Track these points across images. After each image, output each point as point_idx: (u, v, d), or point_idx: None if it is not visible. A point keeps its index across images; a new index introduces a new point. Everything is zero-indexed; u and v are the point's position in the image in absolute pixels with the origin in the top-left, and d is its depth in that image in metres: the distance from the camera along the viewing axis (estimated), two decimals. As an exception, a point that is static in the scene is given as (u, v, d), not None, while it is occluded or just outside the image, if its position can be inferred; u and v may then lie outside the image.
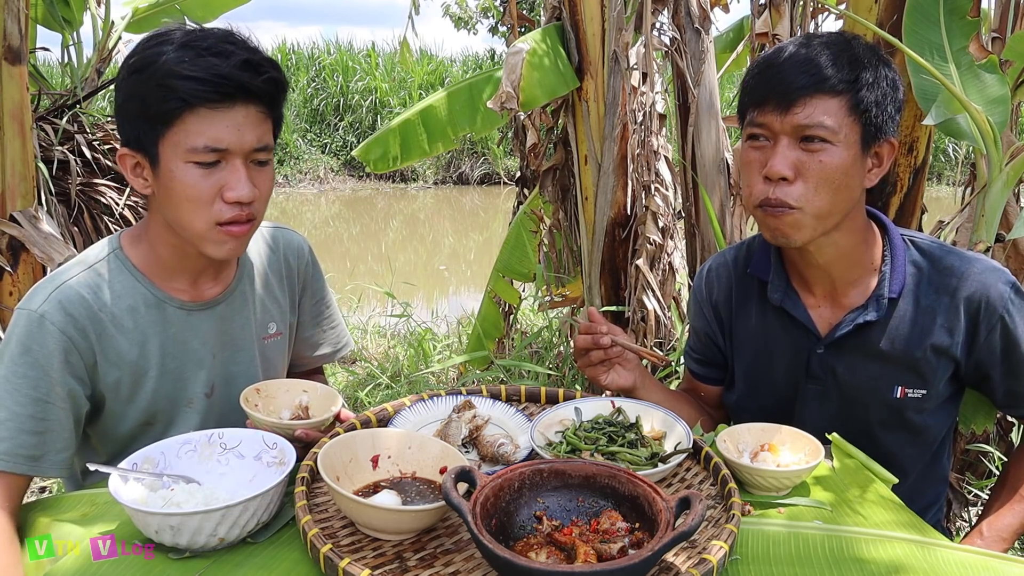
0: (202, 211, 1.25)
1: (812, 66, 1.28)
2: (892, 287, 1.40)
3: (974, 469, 2.61)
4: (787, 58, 1.31)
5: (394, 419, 1.37)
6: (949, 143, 11.78)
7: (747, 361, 1.58)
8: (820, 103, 1.27)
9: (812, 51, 1.30)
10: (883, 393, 1.43)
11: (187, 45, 1.21)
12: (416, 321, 4.77)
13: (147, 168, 1.27)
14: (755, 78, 1.36)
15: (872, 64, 1.31)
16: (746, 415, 1.61)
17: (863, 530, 1.14)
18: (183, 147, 1.22)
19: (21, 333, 1.27)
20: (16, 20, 3.90)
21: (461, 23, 13.39)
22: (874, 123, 1.30)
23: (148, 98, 1.21)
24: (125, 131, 1.28)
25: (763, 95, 1.32)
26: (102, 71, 5.36)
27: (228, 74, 1.20)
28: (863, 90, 1.28)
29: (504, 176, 13.62)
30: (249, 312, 1.50)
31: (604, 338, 1.45)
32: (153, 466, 1.13)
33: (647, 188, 2.89)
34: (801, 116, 1.28)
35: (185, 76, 1.18)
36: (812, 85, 1.27)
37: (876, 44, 1.38)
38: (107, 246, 1.38)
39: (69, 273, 1.33)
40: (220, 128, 1.22)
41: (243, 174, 1.25)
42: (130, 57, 1.26)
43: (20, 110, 3.99)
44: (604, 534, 1.00)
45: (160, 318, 1.37)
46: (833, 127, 1.27)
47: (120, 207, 4.71)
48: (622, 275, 3.06)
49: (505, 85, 2.72)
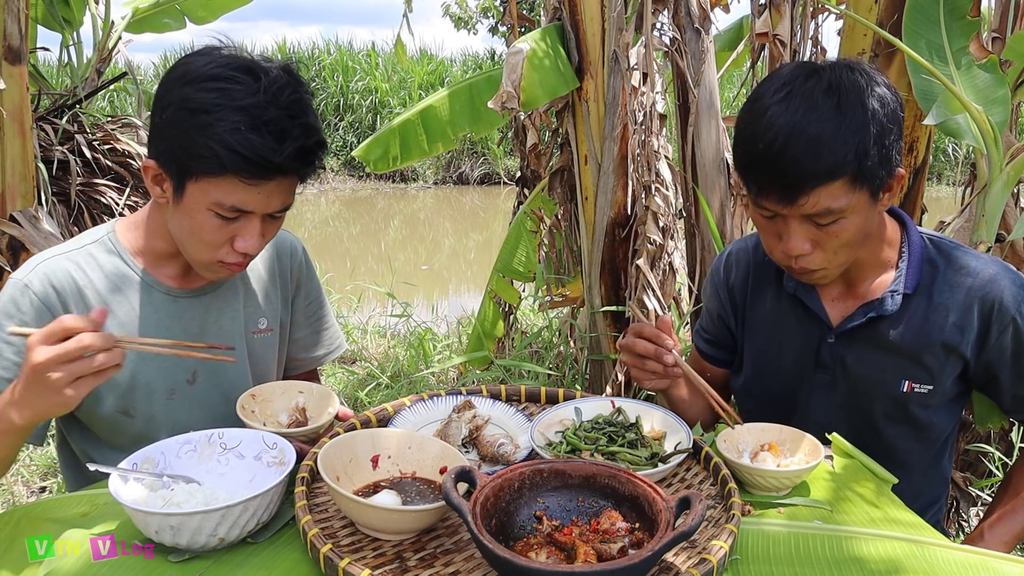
0: (210, 251, 1.30)
1: (812, 157, 1.20)
2: (908, 283, 1.40)
3: (975, 469, 2.61)
4: (783, 147, 1.21)
5: (394, 419, 1.37)
6: (949, 143, 11.78)
7: (757, 346, 1.59)
8: (823, 190, 1.22)
9: (810, 132, 1.20)
10: (890, 386, 1.44)
11: (246, 110, 1.18)
12: (416, 321, 4.77)
13: (168, 186, 1.28)
14: (751, 163, 1.28)
15: (867, 114, 1.22)
16: (751, 400, 1.61)
17: (863, 530, 1.14)
18: (210, 198, 1.23)
19: (6, 300, 1.32)
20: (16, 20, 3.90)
21: (461, 23, 13.39)
22: (880, 178, 1.26)
23: (190, 146, 1.19)
24: (159, 148, 1.27)
25: (762, 187, 1.27)
26: (102, 71, 5.36)
27: (278, 163, 1.20)
28: (864, 160, 1.22)
29: (504, 176, 13.61)
30: (239, 305, 1.51)
31: (669, 356, 1.37)
32: (153, 466, 1.13)
33: (647, 188, 2.89)
34: (807, 207, 1.25)
35: (232, 149, 1.17)
36: (813, 179, 1.21)
37: (855, 63, 1.28)
38: (102, 230, 1.42)
39: (61, 249, 1.38)
40: (251, 195, 1.24)
41: (257, 231, 1.29)
42: (183, 82, 1.22)
43: (20, 110, 3.99)
44: (604, 534, 1.00)
45: (146, 301, 1.40)
46: (840, 207, 1.24)
47: (120, 207, 4.71)
48: (622, 275, 3.06)
49: (505, 85, 2.71)
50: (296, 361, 1.68)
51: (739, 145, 1.31)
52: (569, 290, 3.48)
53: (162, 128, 1.25)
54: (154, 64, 15.42)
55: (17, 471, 3.33)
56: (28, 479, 3.28)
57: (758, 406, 1.59)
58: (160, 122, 1.25)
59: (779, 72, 1.30)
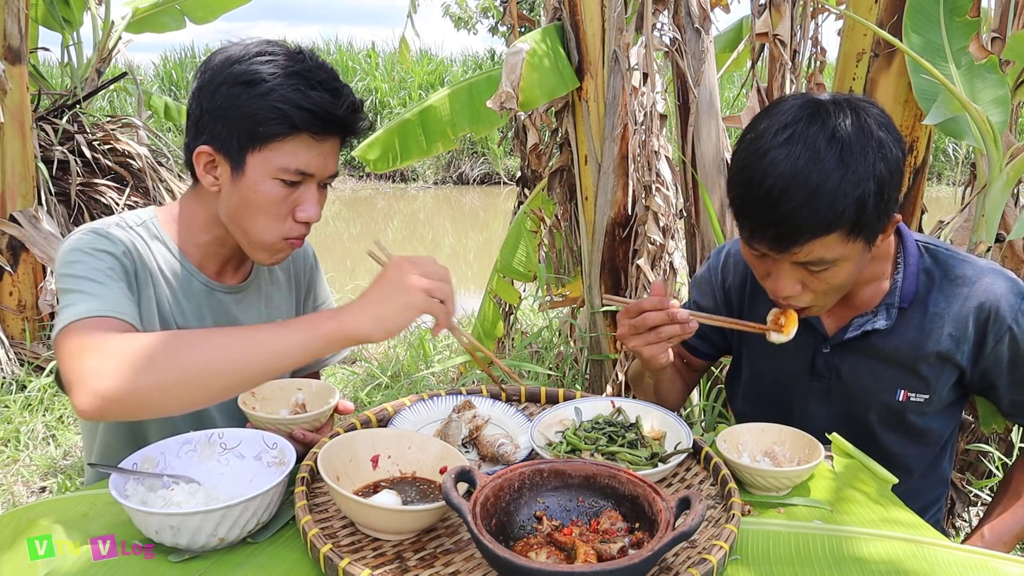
0: (275, 225, 1.33)
1: (808, 211, 1.17)
2: (903, 297, 1.40)
3: (974, 469, 2.61)
4: (781, 197, 1.18)
5: (394, 419, 1.37)
6: (949, 143, 11.78)
7: (755, 352, 1.59)
8: (818, 242, 1.20)
9: (810, 185, 1.16)
10: (885, 395, 1.44)
11: (299, 74, 1.26)
12: (416, 321, 4.76)
13: (224, 170, 1.31)
14: (746, 207, 1.25)
15: (871, 171, 1.18)
16: (749, 404, 1.62)
17: (863, 530, 1.14)
18: (275, 165, 1.28)
19: (93, 240, 1.30)
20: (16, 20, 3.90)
21: (461, 23, 13.40)
22: (877, 229, 1.24)
23: (255, 113, 1.25)
24: (212, 132, 1.30)
25: (755, 231, 1.25)
26: (102, 71, 5.36)
27: (339, 115, 1.28)
28: (862, 214, 1.19)
29: (504, 176, 13.61)
30: (261, 306, 1.54)
31: (680, 312, 1.33)
32: (153, 466, 1.13)
33: (647, 188, 2.89)
34: (800, 256, 1.23)
35: (300, 106, 1.24)
36: (808, 233, 1.19)
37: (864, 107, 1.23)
38: (143, 214, 1.42)
39: (115, 221, 1.37)
40: (312, 155, 1.29)
41: (316, 197, 1.34)
42: (229, 63, 1.28)
43: (20, 110, 4.00)
44: (604, 534, 1.00)
45: (186, 289, 1.42)
46: (834, 258, 1.23)
47: (120, 207, 4.71)
48: (622, 275, 3.06)
49: (505, 85, 2.71)
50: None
51: (736, 186, 1.26)
52: (569, 290, 3.48)
53: (215, 110, 1.28)
54: (154, 64, 15.45)
55: (17, 471, 3.33)
56: (28, 479, 3.28)
57: (756, 410, 1.59)
58: (211, 106, 1.28)
59: (781, 108, 1.24)
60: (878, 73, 2.20)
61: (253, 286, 1.52)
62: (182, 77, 14.86)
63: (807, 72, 2.88)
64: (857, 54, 2.24)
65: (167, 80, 14.97)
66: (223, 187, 1.32)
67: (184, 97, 14.14)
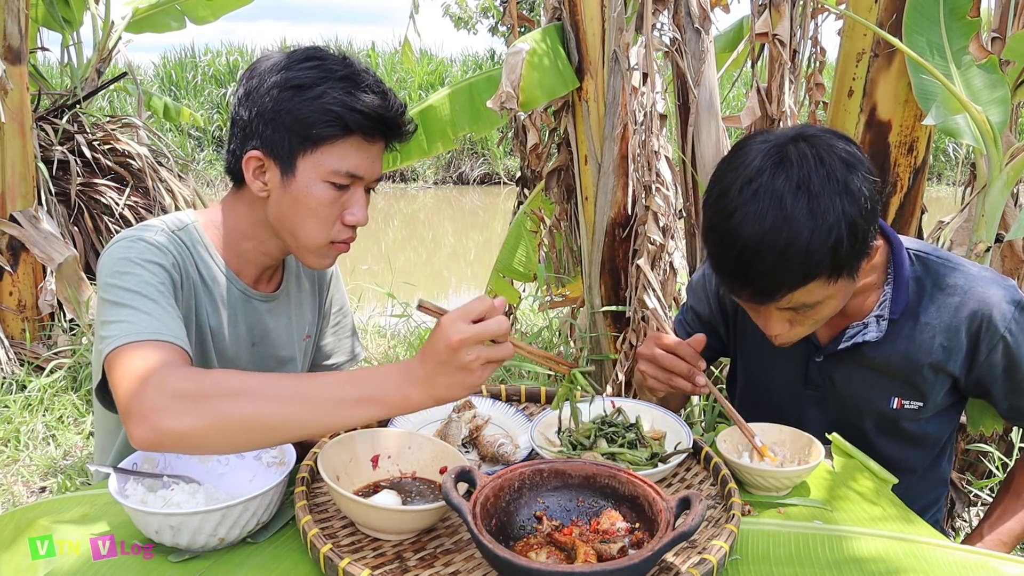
0: (324, 228, 1.33)
1: (782, 271, 1.16)
2: (894, 308, 1.39)
3: (974, 469, 2.61)
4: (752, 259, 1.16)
5: (394, 419, 1.37)
6: (949, 143, 11.78)
7: (749, 358, 1.59)
8: (797, 292, 1.20)
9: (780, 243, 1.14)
10: (879, 403, 1.44)
11: (349, 78, 1.28)
12: (416, 321, 4.77)
13: (273, 174, 1.31)
14: (724, 270, 1.24)
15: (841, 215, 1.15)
16: (746, 409, 1.61)
17: (863, 530, 1.14)
18: (326, 167, 1.28)
19: (143, 249, 1.28)
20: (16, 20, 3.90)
21: (461, 23, 13.40)
22: (855, 266, 1.22)
23: (309, 117, 1.25)
24: (262, 136, 1.30)
25: (732, 288, 1.25)
26: (102, 71, 5.36)
27: (390, 118, 1.30)
28: (838, 257, 1.17)
29: (504, 176, 13.61)
30: (292, 313, 1.55)
31: (700, 377, 1.35)
32: (153, 466, 1.13)
33: (648, 188, 2.88)
34: (783, 304, 1.23)
35: (354, 108, 1.26)
36: (784, 287, 1.19)
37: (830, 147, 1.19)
38: (184, 218, 1.41)
39: (159, 227, 1.36)
40: (362, 158, 1.30)
41: (364, 201, 1.35)
42: (277, 69, 1.29)
43: (20, 110, 3.99)
44: (604, 534, 1.00)
45: (223, 294, 1.42)
46: (816, 301, 1.23)
47: (120, 207, 4.71)
48: (622, 275, 3.06)
49: (505, 85, 2.71)
50: (317, 368, 1.72)
51: (708, 243, 1.25)
52: (569, 290, 3.48)
53: (265, 114, 1.28)
54: (154, 64, 15.45)
55: (17, 471, 3.33)
56: (28, 479, 3.28)
57: (753, 416, 1.59)
58: (260, 110, 1.28)
59: (745, 158, 1.20)
60: (878, 73, 2.20)
61: (283, 295, 1.53)
62: (182, 77, 14.86)
63: (807, 72, 2.88)
64: (857, 54, 2.24)
65: (167, 80, 14.97)
66: (272, 192, 1.32)
67: (184, 97, 14.14)
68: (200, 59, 15.13)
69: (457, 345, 0.96)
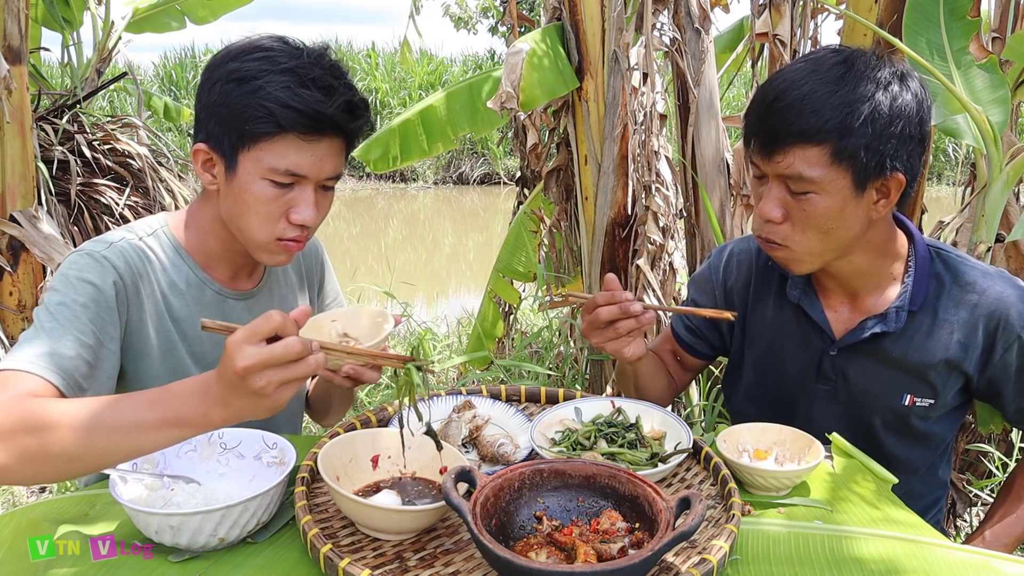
0: (267, 225, 1.29)
1: (794, 114, 1.23)
2: (913, 300, 1.39)
3: (974, 469, 2.61)
4: (773, 102, 1.26)
5: (394, 419, 1.37)
6: (949, 143, 11.78)
7: (759, 352, 1.58)
8: (800, 153, 1.23)
9: (801, 93, 1.23)
10: (891, 399, 1.43)
11: (293, 71, 1.22)
12: (416, 321, 4.77)
13: (219, 168, 1.29)
14: (749, 116, 1.33)
15: (866, 96, 1.21)
16: (752, 405, 1.61)
17: (863, 530, 1.14)
18: (264, 165, 1.24)
19: (83, 266, 1.27)
20: (16, 20, 3.90)
21: (461, 23, 13.39)
22: (867, 166, 1.24)
23: (244, 112, 1.22)
24: (208, 129, 1.28)
25: (751, 136, 1.31)
26: (102, 71, 5.36)
27: (329, 115, 1.23)
28: (848, 136, 1.21)
29: (504, 176, 13.61)
30: (275, 308, 1.51)
31: (634, 304, 1.34)
32: (153, 466, 1.13)
33: (647, 188, 2.89)
34: (782, 165, 1.26)
35: (287, 105, 1.20)
36: (789, 136, 1.23)
37: (883, 55, 1.28)
38: (153, 224, 1.40)
39: (120, 236, 1.35)
40: (304, 156, 1.25)
41: (312, 200, 1.29)
42: (227, 60, 1.26)
43: (20, 110, 3.99)
44: (604, 534, 1.00)
45: (198, 298, 1.40)
46: (814, 177, 1.24)
47: (120, 207, 4.71)
48: (622, 275, 3.06)
49: (505, 85, 2.71)
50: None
51: (749, 103, 1.36)
52: (569, 290, 3.48)
53: (210, 106, 1.26)
54: (154, 64, 15.46)
55: (17, 471, 3.32)
56: (28, 479, 3.27)
57: (759, 411, 1.58)
58: (207, 102, 1.26)
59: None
60: (878, 73, 2.20)
61: (265, 290, 1.51)
62: (182, 77, 14.87)
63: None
64: (857, 54, 2.24)
65: (167, 80, 14.98)
66: (220, 186, 1.30)
67: (184, 97, 14.14)
68: (200, 59, 15.14)
69: (243, 373, 0.89)
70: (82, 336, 1.21)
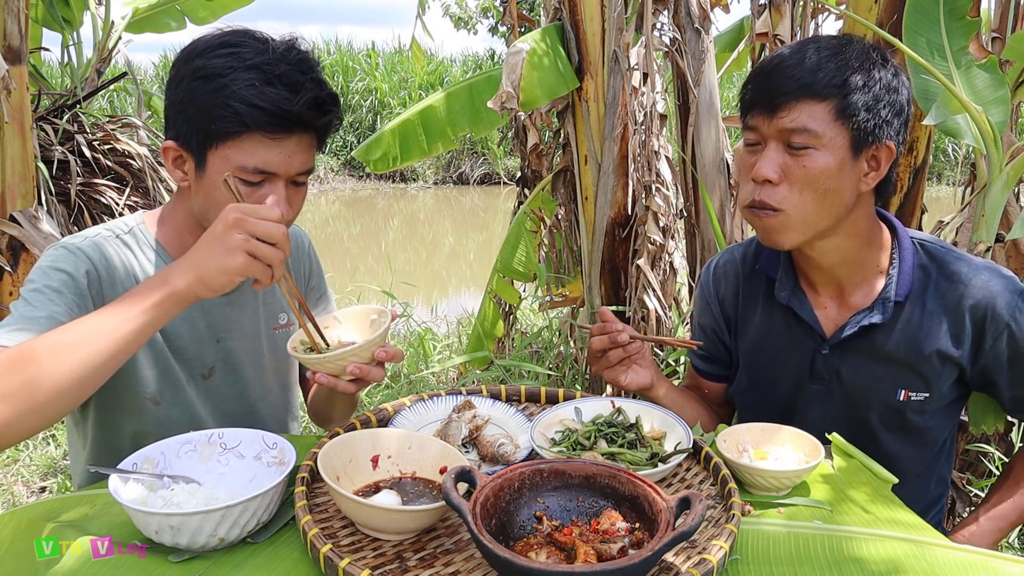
0: None
1: (799, 71, 1.29)
2: (899, 290, 1.40)
3: (974, 469, 2.61)
4: (778, 64, 1.32)
5: (394, 419, 1.37)
6: (949, 143, 11.78)
7: (751, 356, 1.58)
8: (805, 107, 1.28)
9: (804, 56, 1.30)
10: (885, 395, 1.44)
11: (259, 68, 1.21)
12: (416, 321, 4.77)
13: (190, 165, 1.29)
14: (750, 82, 1.37)
15: (865, 67, 1.29)
16: (748, 409, 1.61)
17: (863, 530, 1.14)
18: (232, 163, 1.24)
19: (57, 256, 1.29)
20: (16, 20, 3.90)
21: (461, 23, 13.39)
22: (864, 128, 1.29)
23: (209, 110, 1.21)
24: (176, 127, 1.28)
25: (754, 99, 1.34)
26: (102, 71, 5.36)
27: (296, 112, 1.22)
28: (851, 94, 1.27)
29: (504, 176, 13.62)
30: (258, 302, 1.52)
31: (622, 335, 1.43)
32: (153, 466, 1.13)
33: (647, 188, 2.89)
34: (786, 120, 1.29)
35: (251, 103, 1.20)
36: (797, 89, 1.28)
37: (876, 44, 1.37)
38: (130, 221, 1.41)
39: (96, 231, 1.36)
40: (272, 154, 1.25)
41: (282, 196, 1.29)
42: (193, 56, 1.25)
43: (20, 110, 3.99)
44: (604, 534, 1.00)
45: None
46: (817, 131, 1.27)
47: (120, 207, 4.71)
48: (622, 275, 3.06)
49: (505, 85, 2.71)
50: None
51: (747, 77, 1.40)
52: (569, 290, 3.48)
53: (178, 104, 1.26)
54: (154, 64, 15.46)
55: (17, 471, 3.33)
56: (28, 479, 3.28)
57: (755, 415, 1.59)
58: (175, 100, 1.26)
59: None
60: (878, 73, 2.20)
61: (247, 283, 1.50)
62: (182, 77, 14.86)
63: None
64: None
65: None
66: (191, 183, 1.30)
67: (184, 97, 14.14)
68: (200, 59, 15.13)
69: (232, 223, 1.04)
70: (57, 316, 1.22)
